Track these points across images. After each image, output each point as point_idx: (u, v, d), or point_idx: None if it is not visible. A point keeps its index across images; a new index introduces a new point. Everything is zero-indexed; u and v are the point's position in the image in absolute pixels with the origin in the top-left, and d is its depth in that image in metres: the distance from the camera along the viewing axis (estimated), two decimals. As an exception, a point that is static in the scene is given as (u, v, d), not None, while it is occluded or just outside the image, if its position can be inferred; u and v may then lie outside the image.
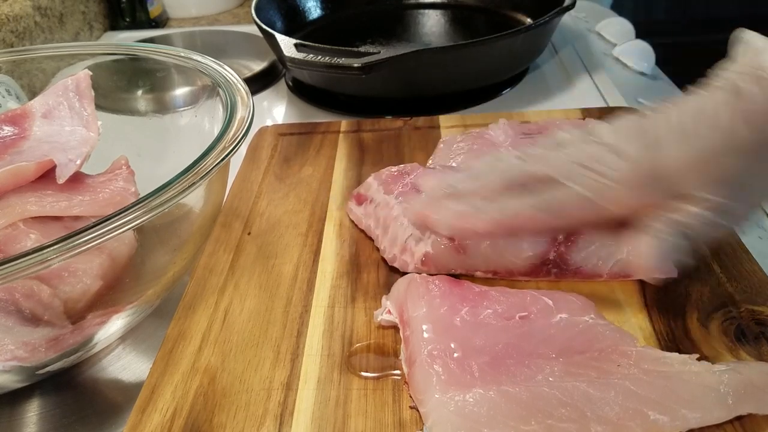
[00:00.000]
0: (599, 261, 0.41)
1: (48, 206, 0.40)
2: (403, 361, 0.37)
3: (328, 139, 0.61)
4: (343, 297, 0.43)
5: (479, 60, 0.70)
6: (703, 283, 0.41)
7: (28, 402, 0.42)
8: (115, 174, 0.44)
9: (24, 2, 0.84)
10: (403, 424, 0.34)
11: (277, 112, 0.79)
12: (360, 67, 0.62)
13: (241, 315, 0.42)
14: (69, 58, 0.56)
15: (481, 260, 0.42)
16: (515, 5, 0.89)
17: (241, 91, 0.46)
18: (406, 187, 0.46)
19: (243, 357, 0.39)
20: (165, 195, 0.35)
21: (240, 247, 0.48)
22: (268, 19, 0.79)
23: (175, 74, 0.54)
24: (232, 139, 0.40)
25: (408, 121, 0.63)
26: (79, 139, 0.46)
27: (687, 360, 0.34)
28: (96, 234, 0.32)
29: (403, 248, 0.43)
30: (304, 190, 0.54)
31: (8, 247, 0.39)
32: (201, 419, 0.35)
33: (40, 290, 0.36)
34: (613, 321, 0.39)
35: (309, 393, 0.36)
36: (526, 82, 0.80)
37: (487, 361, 0.35)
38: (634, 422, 0.31)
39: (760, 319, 0.38)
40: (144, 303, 0.42)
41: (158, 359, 0.39)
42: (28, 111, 0.48)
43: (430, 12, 0.95)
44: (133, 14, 1.09)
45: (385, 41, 0.88)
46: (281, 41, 0.69)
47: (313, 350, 0.39)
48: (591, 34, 0.94)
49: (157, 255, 0.43)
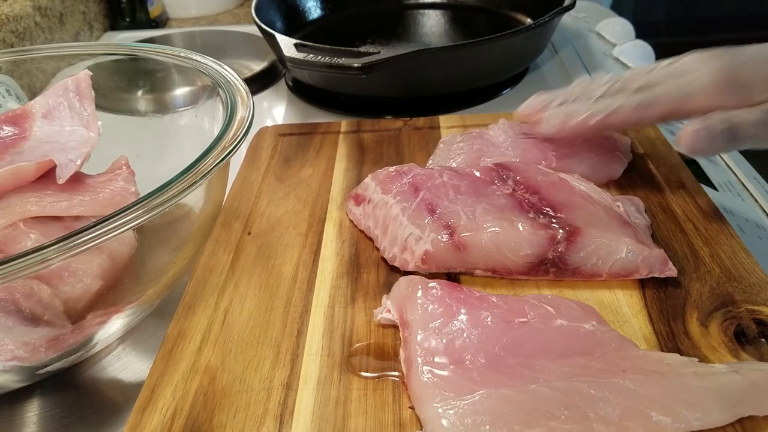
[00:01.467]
0: (598, 261, 0.41)
1: (48, 206, 0.40)
2: (402, 361, 0.37)
3: (328, 140, 0.61)
4: (343, 297, 0.43)
5: (479, 60, 0.70)
6: (703, 283, 0.41)
7: (28, 402, 0.42)
8: (116, 174, 0.44)
9: (24, 2, 0.84)
10: (403, 423, 0.34)
11: (277, 112, 0.79)
12: (360, 67, 0.62)
13: (241, 315, 0.42)
14: (69, 58, 0.56)
15: (480, 258, 0.42)
16: (515, 5, 0.89)
17: (241, 91, 0.46)
18: (404, 187, 0.46)
19: (243, 357, 0.39)
20: (165, 195, 0.35)
21: (240, 247, 0.48)
22: (268, 19, 0.79)
23: (175, 74, 0.54)
24: (232, 139, 0.40)
25: (408, 121, 0.63)
26: (80, 139, 0.46)
27: (688, 362, 0.34)
28: (96, 234, 0.32)
29: (403, 247, 0.43)
30: (304, 190, 0.54)
31: (8, 247, 0.39)
32: (201, 419, 0.35)
33: (40, 290, 0.36)
34: (613, 321, 0.39)
35: (309, 393, 0.36)
36: (526, 82, 0.80)
37: (486, 364, 0.35)
38: (636, 423, 0.31)
39: (760, 319, 0.38)
40: (144, 303, 0.42)
41: (158, 359, 0.39)
42: (28, 111, 0.48)
43: (430, 12, 0.95)
44: (133, 14, 1.09)
45: (385, 41, 0.88)
46: (281, 41, 0.69)
47: (313, 350, 0.39)
48: (591, 34, 0.94)
49: (157, 255, 0.43)
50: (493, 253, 0.41)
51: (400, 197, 0.46)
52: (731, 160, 0.69)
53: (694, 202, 0.48)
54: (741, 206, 0.61)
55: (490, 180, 0.46)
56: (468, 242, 0.41)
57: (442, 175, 0.47)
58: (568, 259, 0.41)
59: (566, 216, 0.42)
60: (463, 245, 0.41)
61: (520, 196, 0.44)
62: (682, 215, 0.47)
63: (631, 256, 0.40)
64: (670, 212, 0.48)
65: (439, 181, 0.46)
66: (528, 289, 0.42)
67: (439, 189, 0.45)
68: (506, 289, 0.42)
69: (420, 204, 0.44)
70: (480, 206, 0.43)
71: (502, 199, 0.44)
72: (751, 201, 0.63)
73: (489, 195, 0.45)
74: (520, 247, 0.41)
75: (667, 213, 0.48)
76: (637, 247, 0.40)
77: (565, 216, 0.42)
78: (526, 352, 0.35)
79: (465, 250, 0.41)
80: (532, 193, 0.44)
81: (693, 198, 0.49)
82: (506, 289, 0.42)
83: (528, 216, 0.42)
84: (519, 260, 0.41)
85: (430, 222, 0.43)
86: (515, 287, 0.42)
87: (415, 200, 0.45)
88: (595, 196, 0.45)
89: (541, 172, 0.47)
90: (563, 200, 0.44)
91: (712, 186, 0.63)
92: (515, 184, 0.46)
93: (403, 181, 0.47)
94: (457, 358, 0.35)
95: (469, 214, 0.43)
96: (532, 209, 0.43)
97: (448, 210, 0.43)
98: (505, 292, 0.42)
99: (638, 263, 0.41)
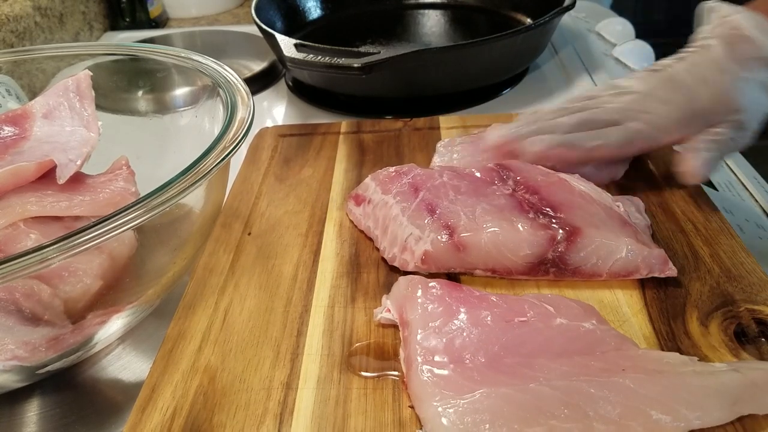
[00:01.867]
0: (598, 261, 0.41)
1: (48, 206, 0.40)
2: (402, 360, 0.37)
3: (328, 140, 0.61)
4: (343, 297, 0.43)
5: (479, 60, 0.70)
6: (703, 282, 0.41)
7: (28, 402, 0.42)
8: (116, 174, 0.44)
9: (24, 2, 0.84)
10: (403, 423, 0.34)
11: (277, 113, 0.79)
12: (360, 67, 0.62)
13: (241, 315, 0.42)
14: (69, 58, 0.56)
15: (480, 259, 0.42)
16: (515, 5, 0.90)
17: (241, 92, 0.46)
18: (404, 187, 0.46)
19: (243, 356, 0.39)
20: (165, 195, 0.35)
21: (240, 247, 0.48)
22: (268, 19, 0.79)
23: (175, 74, 0.54)
24: (233, 139, 0.40)
25: (408, 122, 0.63)
26: (80, 139, 0.46)
27: (688, 361, 0.34)
28: (96, 234, 0.32)
29: (403, 247, 0.43)
30: (304, 190, 0.54)
31: (8, 247, 0.39)
32: (201, 418, 0.35)
33: (40, 290, 0.36)
34: (613, 320, 0.39)
35: (309, 392, 0.36)
36: (526, 82, 0.80)
37: (485, 363, 0.35)
38: (636, 422, 0.31)
39: (760, 318, 0.38)
40: (144, 303, 0.42)
41: (158, 359, 0.39)
42: (28, 111, 0.48)
43: (430, 12, 0.95)
44: (133, 14, 1.09)
45: (385, 41, 0.88)
46: (281, 41, 0.69)
47: (313, 350, 0.39)
48: (591, 34, 0.94)
49: (158, 255, 0.43)
50: (493, 254, 0.41)
51: (400, 197, 0.46)
52: (731, 160, 0.69)
53: (694, 202, 0.48)
54: (741, 206, 0.61)
55: (490, 180, 0.46)
56: (468, 242, 0.41)
57: (442, 175, 0.47)
58: (568, 259, 0.41)
59: (566, 216, 0.42)
60: (462, 245, 0.41)
61: (520, 197, 0.44)
62: (682, 215, 0.47)
63: (631, 256, 0.40)
64: (670, 212, 0.48)
65: (439, 182, 0.46)
66: (528, 288, 0.42)
67: (439, 189, 0.45)
68: (506, 289, 0.42)
69: (420, 204, 0.44)
70: (480, 206, 0.43)
71: (502, 200, 0.44)
72: (751, 201, 0.63)
73: (489, 195, 0.45)
74: (520, 248, 0.41)
75: (667, 213, 0.48)
76: (637, 247, 0.40)
77: (565, 216, 0.42)
78: (525, 351, 0.35)
79: (465, 250, 0.41)
80: (532, 194, 0.44)
81: (693, 198, 0.49)
82: (506, 289, 0.42)
83: (528, 216, 0.42)
84: (519, 260, 0.41)
85: (430, 222, 0.43)
86: (515, 287, 0.42)
87: (415, 200, 0.45)
88: (594, 196, 0.45)
89: (541, 172, 0.47)
90: (563, 200, 0.44)
91: (712, 186, 0.63)
92: (515, 184, 0.46)
93: (403, 181, 0.47)
94: (457, 357, 0.35)
95: (468, 214, 0.43)
96: (532, 209, 0.43)
97: (447, 210, 0.43)
98: (505, 291, 0.42)
99: (638, 263, 0.40)
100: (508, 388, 0.33)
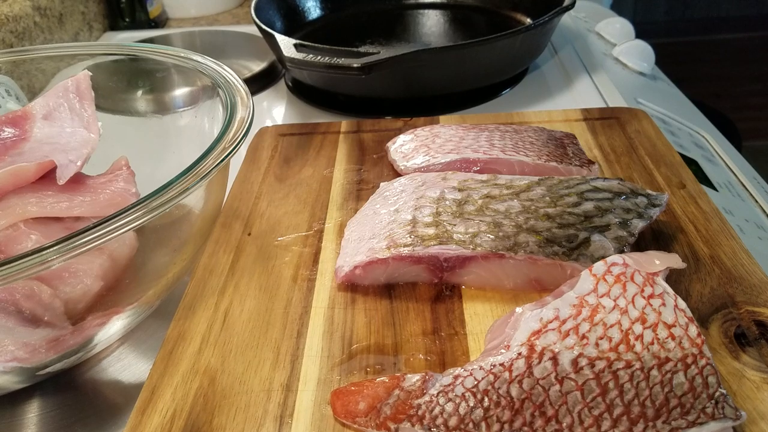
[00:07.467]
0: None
1: (49, 207, 0.40)
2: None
3: (328, 140, 0.61)
4: (343, 298, 0.43)
5: (479, 60, 0.70)
6: (703, 283, 0.41)
7: (28, 403, 0.42)
8: (116, 175, 0.44)
9: (24, 2, 0.84)
10: (404, 425, 0.34)
11: (276, 113, 0.79)
12: (360, 67, 0.62)
13: (241, 316, 0.42)
14: (69, 58, 0.55)
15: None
16: (515, 5, 0.89)
17: (241, 92, 0.46)
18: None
19: (243, 358, 0.39)
20: (165, 196, 0.35)
21: (240, 247, 0.48)
22: (267, 19, 0.79)
23: (174, 75, 0.53)
24: (232, 139, 0.40)
25: (408, 121, 0.63)
26: (80, 140, 0.46)
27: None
28: (96, 235, 0.32)
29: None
30: (304, 190, 0.54)
31: (9, 248, 0.39)
32: (201, 420, 0.35)
33: (40, 291, 0.36)
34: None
35: (309, 394, 0.36)
36: (526, 82, 0.80)
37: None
38: None
39: (761, 320, 0.38)
40: (144, 304, 0.42)
41: (158, 360, 0.39)
42: (28, 112, 0.48)
43: (430, 12, 0.95)
44: (133, 14, 1.09)
45: (385, 41, 0.88)
46: (281, 41, 0.69)
47: (312, 351, 0.39)
48: (591, 34, 0.94)
49: (158, 256, 0.43)
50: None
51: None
52: (731, 161, 0.69)
53: (695, 203, 0.48)
54: (741, 206, 0.61)
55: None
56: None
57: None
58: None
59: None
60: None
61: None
62: (683, 215, 0.47)
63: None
64: (670, 212, 0.48)
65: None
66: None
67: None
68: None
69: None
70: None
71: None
72: (751, 201, 0.63)
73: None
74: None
75: (667, 213, 0.48)
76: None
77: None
78: None
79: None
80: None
81: (693, 198, 0.49)
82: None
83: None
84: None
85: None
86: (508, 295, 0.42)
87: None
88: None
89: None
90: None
91: (712, 186, 0.63)
92: None
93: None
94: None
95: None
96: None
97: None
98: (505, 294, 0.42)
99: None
100: None
